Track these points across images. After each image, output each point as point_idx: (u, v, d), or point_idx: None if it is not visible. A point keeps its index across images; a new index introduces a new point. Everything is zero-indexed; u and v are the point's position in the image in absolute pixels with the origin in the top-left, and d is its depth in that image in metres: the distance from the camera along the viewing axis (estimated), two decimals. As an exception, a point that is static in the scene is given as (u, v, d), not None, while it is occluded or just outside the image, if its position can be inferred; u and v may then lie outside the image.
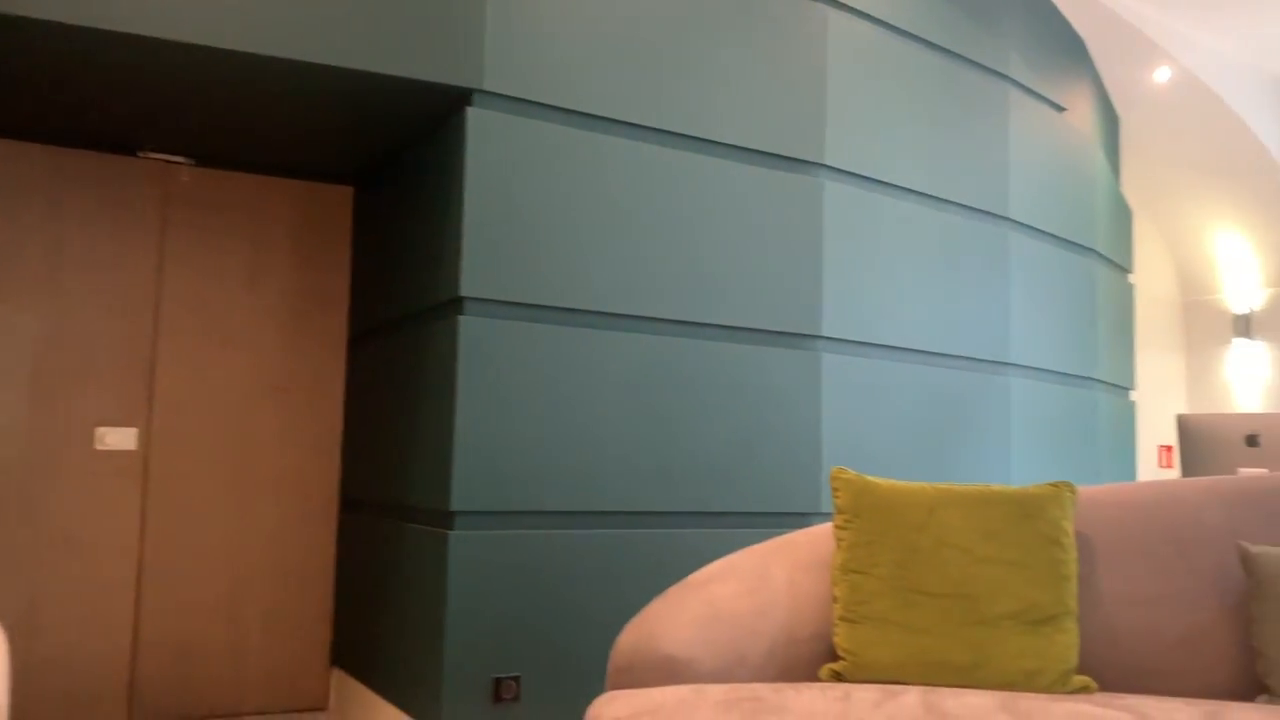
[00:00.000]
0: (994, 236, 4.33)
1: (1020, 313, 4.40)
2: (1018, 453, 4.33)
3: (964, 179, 4.24)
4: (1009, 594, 2.15)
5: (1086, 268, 4.83)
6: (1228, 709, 1.92)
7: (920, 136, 4.09)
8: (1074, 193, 4.80)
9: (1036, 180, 4.56)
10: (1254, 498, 2.36)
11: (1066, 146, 4.78)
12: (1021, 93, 4.55)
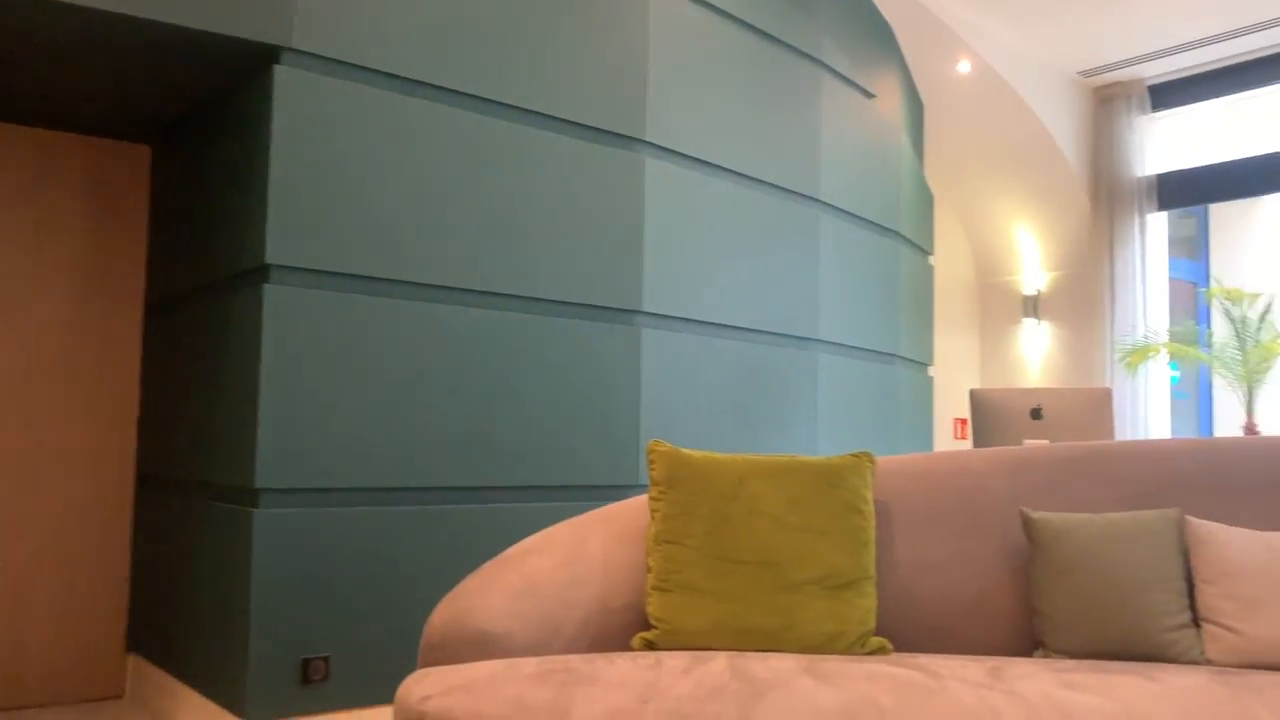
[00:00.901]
0: (806, 217, 4.47)
1: (829, 291, 4.57)
2: (824, 425, 4.50)
3: (779, 160, 4.35)
4: (813, 560, 2.23)
5: (891, 249, 5.06)
6: (1010, 664, 2.06)
7: (738, 117, 4.17)
8: (881, 177, 5.01)
9: (846, 164, 4.74)
10: (1035, 467, 2.53)
11: (875, 132, 4.98)
12: (834, 78, 4.70)
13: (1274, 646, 2.07)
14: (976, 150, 6.88)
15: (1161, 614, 2.15)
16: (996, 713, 1.72)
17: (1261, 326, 5.46)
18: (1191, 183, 6.75)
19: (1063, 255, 6.99)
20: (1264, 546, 2.15)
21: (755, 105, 4.25)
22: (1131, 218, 6.52)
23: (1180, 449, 2.47)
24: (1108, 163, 6.64)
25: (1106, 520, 2.25)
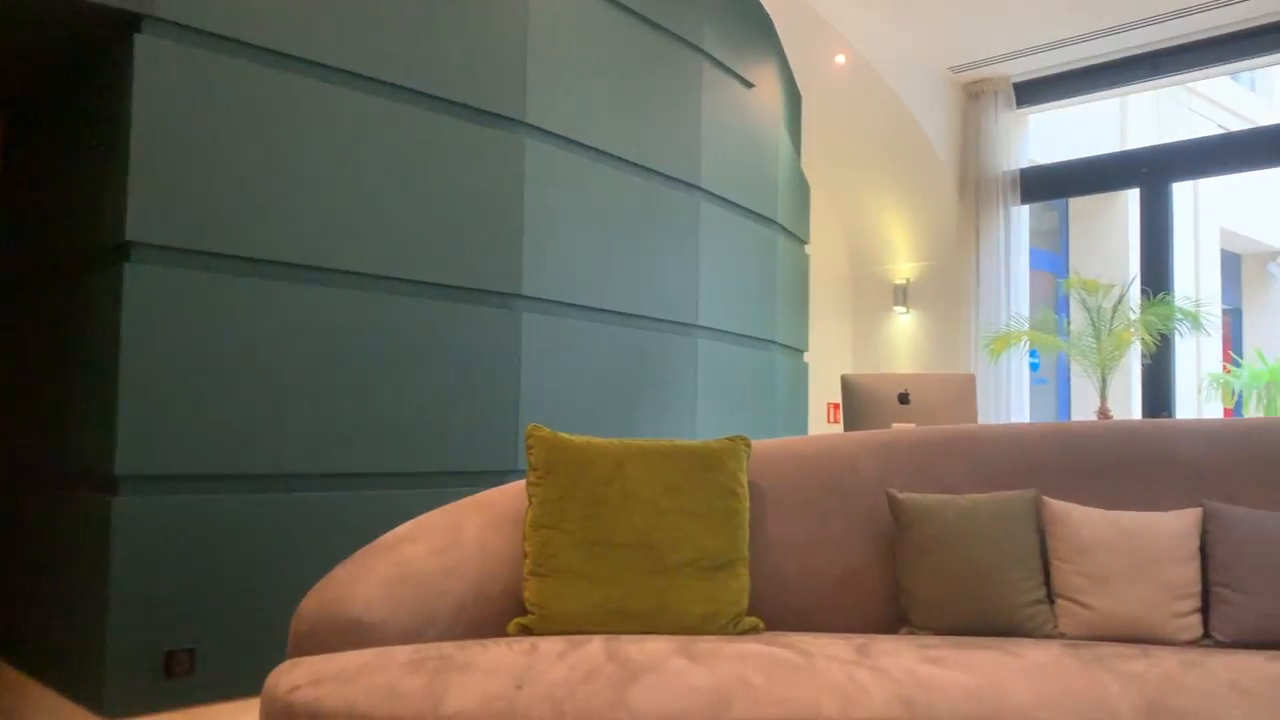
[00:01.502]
0: (686, 204, 4.51)
1: (708, 278, 4.62)
2: (704, 409, 4.56)
3: (660, 147, 4.37)
4: (688, 543, 2.26)
5: (769, 238, 5.14)
6: (876, 641, 2.12)
7: (619, 102, 4.17)
8: (760, 167, 5.08)
9: (726, 153, 4.79)
10: (901, 449, 2.61)
11: (754, 122, 5.05)
12: (714, 67, 4.74)
13: (1122, 619, 2.18)
14: (851, 142, 7.05)
15: (1019, 590, 2.24)
16: (863, 688, 1.77)
17: (1115, 316, 5.74)
18: (1052, 178, 7.06)
19: (931, 246, 7.22)
20: (1113, 525, 2.27)
21: (636, 91, 4.26)
22: (996, 211, 6.78)
23: (1038, 432, 2.58)
24: (975, 157, 6.89)
25: (968, 501, 2.34)
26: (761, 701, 1.75)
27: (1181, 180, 6.91)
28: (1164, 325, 5.80)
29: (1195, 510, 2.28)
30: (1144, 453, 2.47)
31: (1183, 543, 2.23)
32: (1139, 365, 6.41)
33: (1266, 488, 2.35)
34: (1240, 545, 2.19)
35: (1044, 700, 1.75)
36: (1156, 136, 8.71)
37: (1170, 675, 1.85)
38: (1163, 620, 2.17)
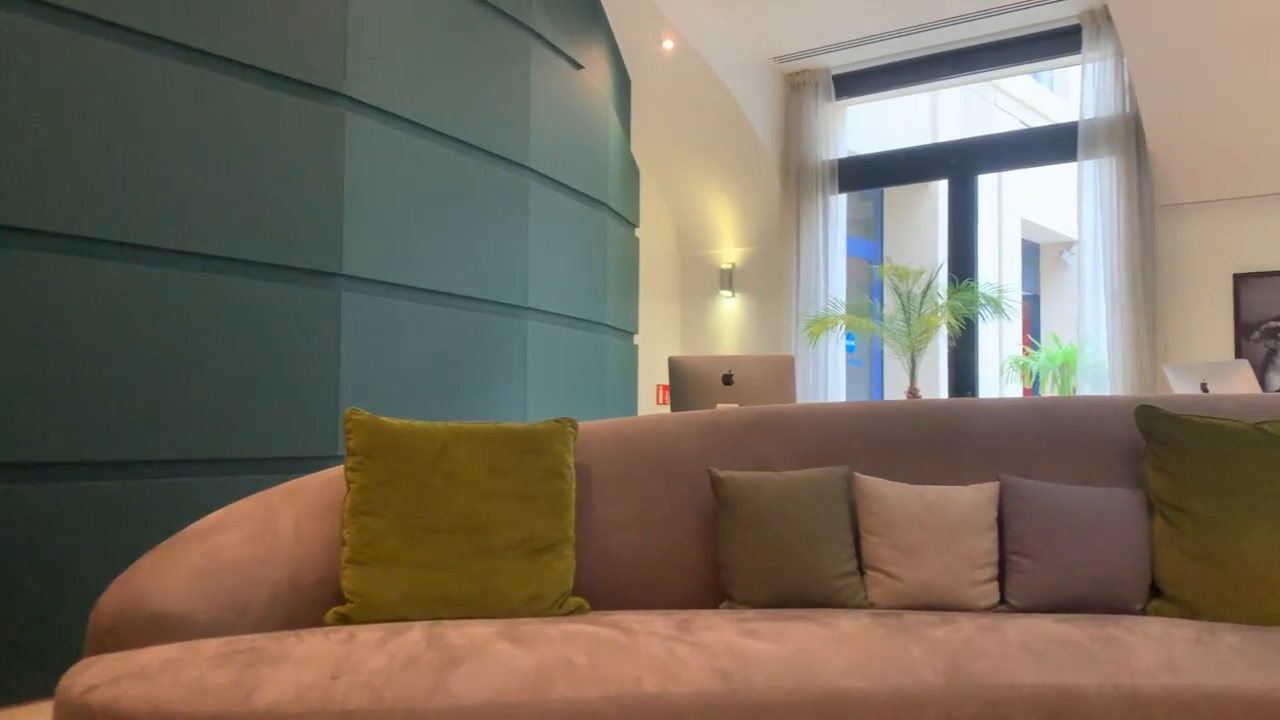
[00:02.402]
0: (515, 184, 4.46)
1: (538, 259, 4.59)
2: (533, 392, 4.54)
3: (488, 126, 4.31)
4: (513, 525, 2.24)
5: (599, 220, 5.15)
6: (697, 616, 2.16)
7: (446, 79, 4.09)
8: (589, 149, 5.09)
9: (555, 133, 4.77)
10: (724, 429, 2.67)
11: (583, 104, 5.04)
12: (543, 46, 4.71)
13: (927, 589, 2.30)
14: (679, 127, 7.14)
15: (832, 563, 2.33)
16: (682, 663, 1.81)
17: (924, 301, 6.04)
18: (868, 168, 7.35)
19: (756, 232, 7.40)
20: (918, 499, 2.39)
21: (463, 67, 4.18)
22: (816, 199, 7.01)
23: (850, 411, 2.68)
24: (796, 146, 7.09)
25: (785, 478, 2.42)
26: (584, 681, 1.76)
27: (986, 173, 7.31)
28: (969, 310, 6.14)
29: (993, 484, 2.42)
30: (947, 430, 2.60)
31: (982, 515, 2.36)
32: (946, 347, 6.76)
33: (1057, 461, 2.51)
34: (1033, 516, 2.34)
35: (853, 667, 1.83)
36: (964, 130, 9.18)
37: (969, 640, 1.96)
38: (963, 588, 2.30)
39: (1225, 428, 2.28)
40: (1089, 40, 5.95)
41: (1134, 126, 5.80)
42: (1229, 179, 5.61)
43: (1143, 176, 5.81)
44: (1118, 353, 5.79)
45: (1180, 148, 5.67)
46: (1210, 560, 2.21)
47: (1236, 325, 5.58)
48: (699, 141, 7.20)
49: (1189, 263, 5.78)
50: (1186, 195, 5.76)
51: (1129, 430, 2.45)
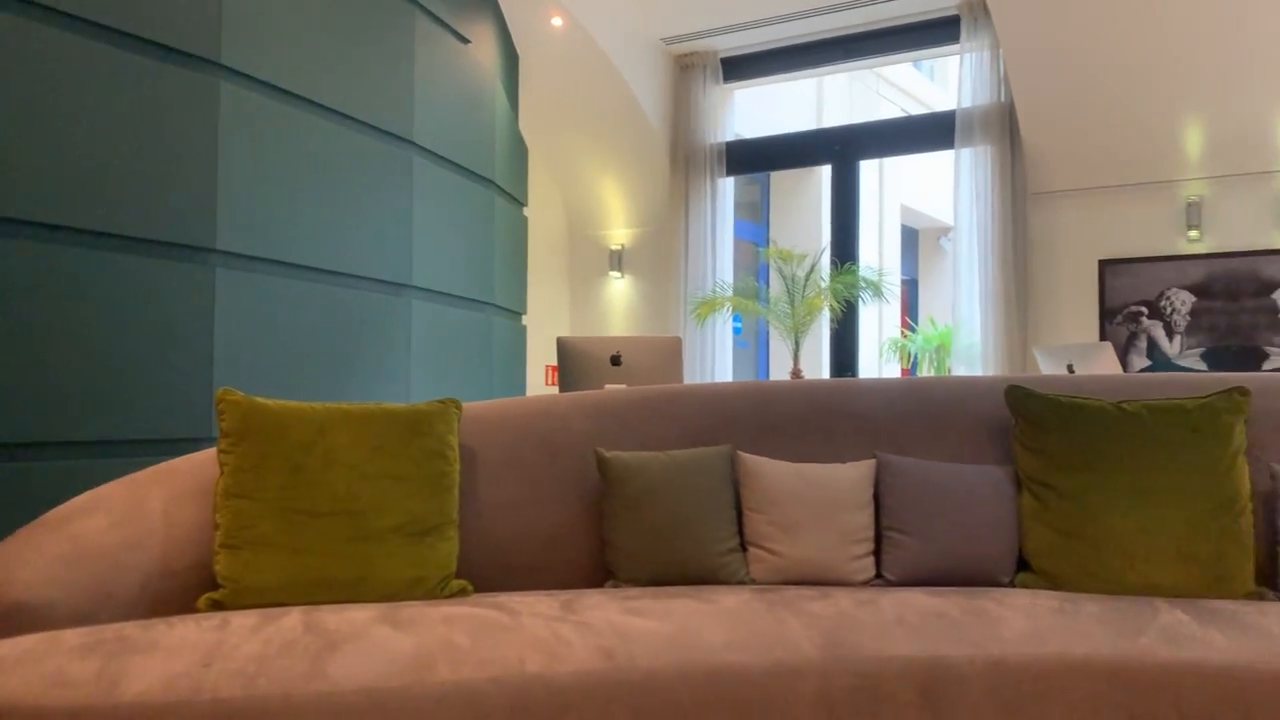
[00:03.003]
0: (399, 160, 4.37)
1: (423, 237, 4.51)
2: (418, 372, 4.47)
3: (370, 99, 4.20)
4: (394, 508, 2.21)
5: (486, 198, 5.08)
6: (582, 596, 2.17)
7: (327, 50, 3.97)
8: (476, 125, 5.01)
9: (441, 109, 4.68)
10: (611, 409, 2.67)
11: (470, 79, 4.96)
12: (428, 19, 4.61)
13: (806, 564, 2.35)
14: (568, 107, 7.09)
15: (715, 540, 2.36)
16: (566, 642, 1.81)
17: (808, 284, 6.15)
18: (755, 152, 7.43)
19: (645, 213, 7.42)
20: (799, 476, 2.43)
21: (345, 39, 4.07)
22: (704, 181, 7.06)
23: (734, 391, 2.72)
24: (685, 128, 7.13)
25: (670, 457, 2.43)
26: (466, 663, 1.75)
27: (868, 159, 7.47)
28: (850, 293, 6.28)
29: (870, 461, 2.49)
30: (827, 409, 2.66)
31: (859, 492, 2.42)
32: (828, 329, 6.91)
33: (930, 439, 2.59)
34: (907, 493, 2.41)
35: (734, 642, 1.85)
36: (848, 117, 9.37)
37: (845, 613, 2.01)
38: (841, 563, 2.35)
39: (1088, 407, 2.39)
40: (967, 31, 6.13)
41: (1008, 116, 6.00)
42: (1097, 169, 5.86)
43: (1016, 165, 6.02)
44: (990, 335, 6.00)
45: (1051, 137, 5.89)
46: (1073, 534, 2.31)
47: (1101, 309, 5.84)
48: (588, 121, 7.17)
49: (1058, 249, 6.02)
50: (1057, 184, 6.00)
51: (999, 409, 2.54)
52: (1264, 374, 2.62)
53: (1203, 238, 5.61)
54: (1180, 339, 5.61)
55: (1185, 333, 5.60)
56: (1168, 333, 5.64)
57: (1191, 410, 2.32)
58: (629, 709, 1.74)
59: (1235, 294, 5.48)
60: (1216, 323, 5.52)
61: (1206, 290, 5.55)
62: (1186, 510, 2.24)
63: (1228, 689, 1.85)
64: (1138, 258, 5.76)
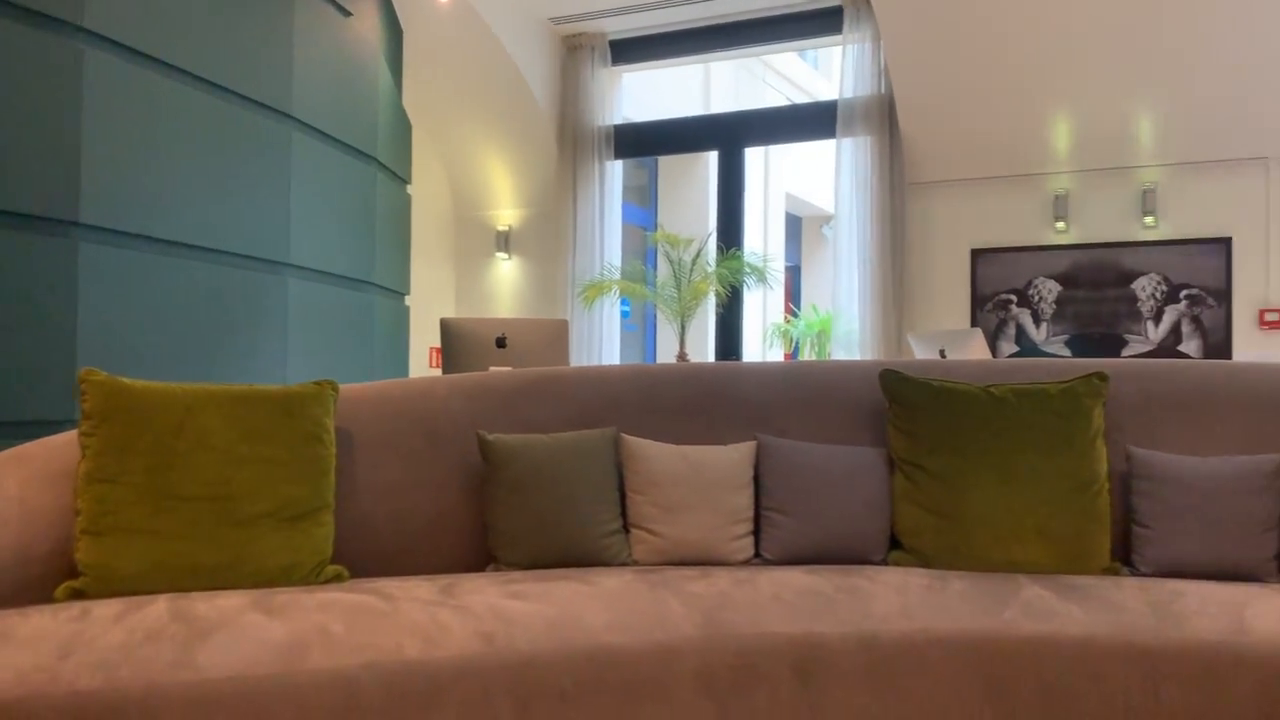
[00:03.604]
0: (277, 134, 4.23)
1: (301, 214, 4.38)
2: (295, 353, 4.35)
3: (246, 70, 4.06)
4: (267, 492, 2.15)
5: (368, 175, 4.97)
6: (463, 580, 2.15)
7: (200, 18, 3.81)
8: (358, 100, 4.89)
9: (321, 82, 4.55)
10: (494, 391, 2.65)
11: (352, 53, 4.83)
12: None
13: (688, 545, 2.38)
14: (455, 84, 6.98)
15: (598, 523, 2.37)
16: (444, 627, 1.79)
17: (694, 269, 6.20)
18: (643, 136, 7.45)
19: (533, 194, 7.36)
20: (681, 458, 2.46)
21: (219, 5, 3.91)
22: (592, 164, 7.04)
23: (619, 374, 2.72)
24: (573, 110, 7.09)
25: (553, 439, 2.43)
26: (340, 649, 1.71)
27: (753, 146, 7.56)
28: (735, 278, 6.36)
29: (751, 443, 2.53)
30: (710, 392, 2.69)
31: (739, 473, 2.46)
32: (714, 314, 6.98)
33: (809, 422, 2.64)
34: (786, 474, 2.46)
35: (614, 623, 1.86)
36: (735, 104, 9.46)
37: (724, 592, 2.04)
38: (721, 543, 2.39)
39: (957, 390, 2.47)
40: (850, 22, 6.25)
41: (888, 107, 6.15)
42: (971, 161, 6.05)
43: (895, 155, 6.18)
44: (868, 321, 6.16)
45: (928, 129, 6.06)
46: (942, 513, 2.39)
47: (973, 297, 6.05)
48: (475, 100, 7.08)
49: (933, 238, 6.20)
50: (933, 175, 6.18)
51: (874, 393, 2.60)
52: (1122, 360, 2.75)
53: (1069, 229, 5.86)
54: (1046, 326, 5.85)
55: (1051, 320, 5.84)
56: (1035, 320, 5.88)
57: (1054, 394, 2.42)
58: (509, 693, 1.74)
59: (1098, 284, 5.74)
60: (1080, 311, 5.78)
61: (1071, 280, 5.80)
62: (1048, 490, 2.34)
63: (1083, 659, 1.94)
64: (1008, 247, 5.98)
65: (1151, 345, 5.58)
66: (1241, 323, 5.47)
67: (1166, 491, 2.35)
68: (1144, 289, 5.63)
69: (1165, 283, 5.59)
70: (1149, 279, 5.63)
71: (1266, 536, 2.28)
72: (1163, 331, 5.57)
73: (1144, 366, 2.65)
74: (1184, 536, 2.31)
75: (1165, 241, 5.63)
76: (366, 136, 4.95)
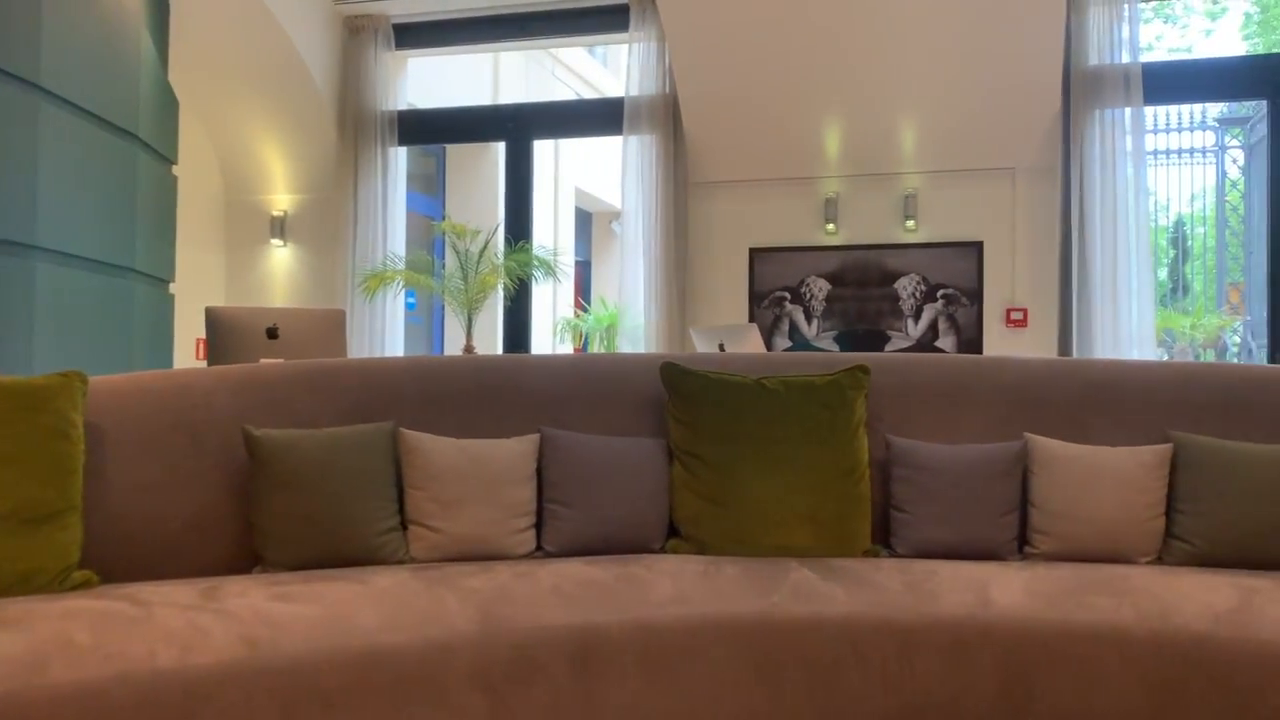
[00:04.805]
0: (22, 104, 3.88)
1: (50, 193, 4.04)
2: (42, 343, 4.00)
3: (-16, 32, 3.70)
4: (5, 493, 1.97)
5: (128, 153, 4.63)
6: (226, 583, 2.04)
7: (-74, -31, 3.44)
8: (116, 71, 4.55)
9: (74, 52, 4.20)
10: (263, 385, 2.53)
11: (109, 22, 4.49)
12: (59, -51, 4.12)
13: (467, 540, 2.35)
14: (227, 62, 6.62)
15: (374, 520, 2.30)
16: (204, 633, 1.69)
17: (481, 260, 6.13)
18: (429, 123, 7.30)
19: (311, 179, 7.08)
20: (462, 452, 2.42)
21: (-49, -40, 3.55)
22: (375, 150, 6.84)
23: (397, 366, 2.66)
24: (355, 93, 6.86)
25: (326, 434, 2.34)
26: (85, 661, 1.59)
27: (542, 139, 7.56)
28: (523, 271, 6.33)
29: (534, 436, 2.52)
30: (494, 385, 2.66)
31: (522, 465, 2.45)
32: (503, 306, 6.93)
33: (593, 414, 2.66)
34: (568, 466, 2.47)
35: (389, 622, 1.82)
36: (524, 95, 9.42)
37: (504, 587, 2.03)
38: (503, 537, 2.37)
39: (733, 382, 2.55)
40: (636, 21, 6.34)
41: (673, 107, 6.28)
42: (749, 163, 6.27)
43: (679, 155, 6.32)
44: (654, 316, 6.27)
45: (710, 131, 6.23)
46: (718, 501, 2.46)
47: (751, 294, 6.28)
48: (249, 79, 6.73)
49: (714, 236, 6.39)
50: (714, 174, 6.36)
51: (656, 385, 2.65)
52: (883, 354, 2.92)
53: (838, 231, 6.17)
54: (817, 322, 6.15)
55: (822, 317, 6.14)
56: (807, 316, 6.17)
57: (820, 386, 2.54)
58: (274, 698, 1.66)
59: (864, 283, 6.08)
60: (848, 308, 6.10)
61: (840, 279, 6.11)
62: (814, 477, 2.46)
63: (845, 637, 2.05)
64: (783, 247, 6.24)
65: (911, 341, 5.96)
66: (991, 320, 5.92)
67: (922, 478, 2.51)
68: (905, 288, 6.01)
69: (924, 283, 5.98)
70: (909, 279, 6.01)
71: (1008, 518, 2.48)
72: (921, 328, 5.96)
73: (902, 360, 2.82)
74: (937, 519, 2.48)
75: (924, 244, 6.02)
76: (126, 111, 4.62)
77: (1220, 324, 9.75)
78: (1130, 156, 5.58)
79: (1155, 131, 9.35)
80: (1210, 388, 2.62)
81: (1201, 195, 11.38)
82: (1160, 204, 10.71)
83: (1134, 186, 5.57)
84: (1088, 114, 5.60)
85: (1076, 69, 5.59)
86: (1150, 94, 5.58)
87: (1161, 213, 11.01)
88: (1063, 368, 2.77)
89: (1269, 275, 5.63)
